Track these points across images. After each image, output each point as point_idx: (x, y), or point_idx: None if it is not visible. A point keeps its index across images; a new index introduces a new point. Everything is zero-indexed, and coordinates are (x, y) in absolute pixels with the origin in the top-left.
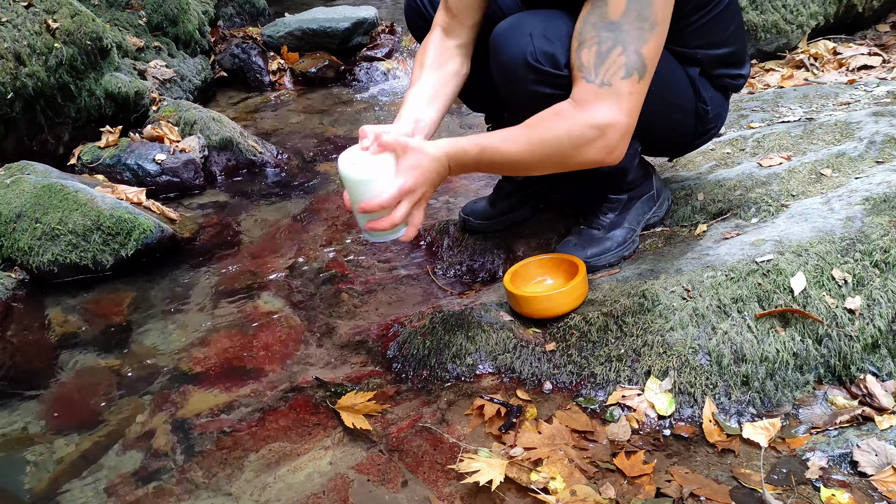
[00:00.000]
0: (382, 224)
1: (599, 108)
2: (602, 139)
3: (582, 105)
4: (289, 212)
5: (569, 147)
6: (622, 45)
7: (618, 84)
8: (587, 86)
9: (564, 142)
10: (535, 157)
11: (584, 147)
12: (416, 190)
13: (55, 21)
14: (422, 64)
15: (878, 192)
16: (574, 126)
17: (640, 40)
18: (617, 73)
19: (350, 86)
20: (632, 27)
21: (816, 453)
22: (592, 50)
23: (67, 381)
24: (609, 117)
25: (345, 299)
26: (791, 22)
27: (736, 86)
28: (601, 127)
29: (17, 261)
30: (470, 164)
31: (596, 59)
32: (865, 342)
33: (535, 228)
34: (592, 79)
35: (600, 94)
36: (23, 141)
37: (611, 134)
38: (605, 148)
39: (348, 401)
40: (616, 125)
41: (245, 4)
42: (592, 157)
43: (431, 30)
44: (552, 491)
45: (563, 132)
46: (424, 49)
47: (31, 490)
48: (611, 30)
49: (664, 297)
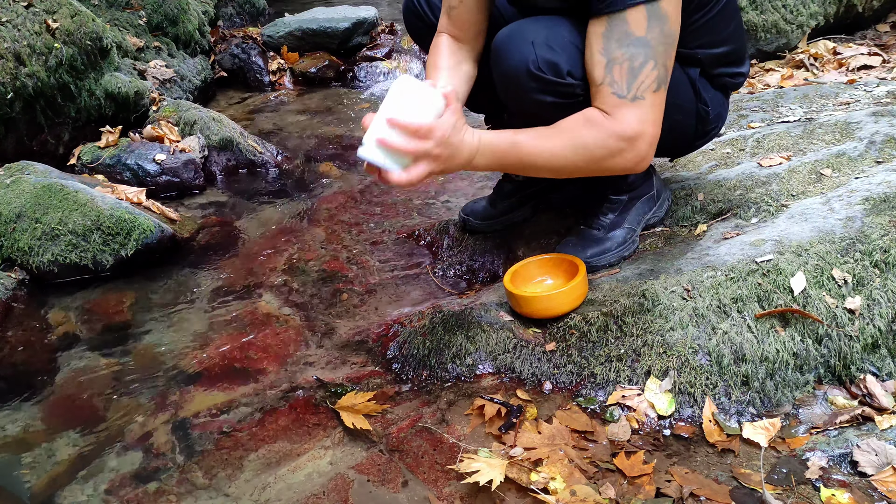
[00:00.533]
0: (398, 143)
1: (632, 120)
2: (633, 150)
3: (614, 115)
4: (289, 212)
5: (599, 154)
6: (654, 61)
7: (649, 97)
8: (618, 100)
9: (595, 148)
10: (565, 160)
11: (616, 156)
12: (443, 144)
13: (55, 21)
14: (436, 65)
15: (878, 192)
16: (607, 136)
17: (666, 55)
18: (650, 88)
19: (350, 86)
20: (659, 43)
21: (816, 453)
22: (625, 66)
23: (67, 381)
24: (641, 129)
25: (345, 299)
26: (791, 22)
27: (735, 84)
28: (633, 138)
29: (17, 261)
30: (497, 158)
31: (629, 74)
32: (865, 342)
33: (535, 228)
34: (624, 94)
35: (632, 107)
36: (23, 141)
37: (641, 144)
38: (636, 158)
39: (348, 401)
40: (646, 136)
41: (245, 4)
42: (623, 165)
43: (438, 34)
44: (552, 491)
45: (595, 140)
46: (437, 51)
47: (31, 490)
48: (640, 46)
49: (664, 297)
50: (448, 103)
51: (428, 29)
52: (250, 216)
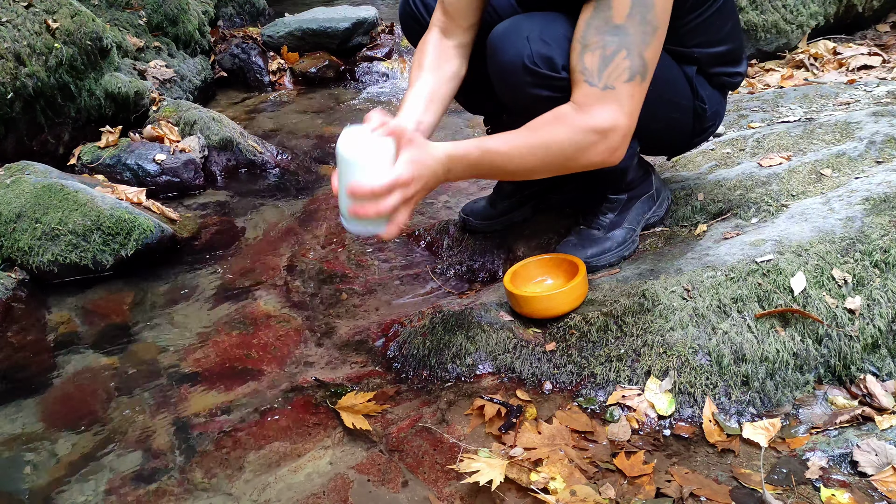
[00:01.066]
0: (368, 210)
1: (602, 111)
2: (604, 142)
3: (584, 108)
4: (289, 212)
5: (571, 151)
6: (626, 49)
7: (621, 87)
8: (589, 89)
9: (566, 145)
10: (538, 160)
11: (587, 150)
12: (411, 185)
13: (55, 21)
14: (420, 65)
15: (878, 192)
16: (576, 130)
17: (643, 44)
18: (621, 77)
19: (350, 86)
20: (636, 31)
21: (816, 453)
22: (597, 54)
23: (67, 381)
24: (612, 120)
25: (345, 299)
26: (791, 22)
27: (733, 84)
28: (603, 130)
29: (17, 261)
30: (471, 168)
31: (600, 62)
32: (865, 342)
33: (535, 228)
34: (595, 82)
35: (603, 97)
36: (23, 141)
37: (613, 136)
38: (607, 150)
39: (348, 401)
40: (618, 128)
41: (245, 4)
42: (595, 159)
43: (429, 29)
44: (552, 491)
45: (565, 136)
46: (422, 49)
47: (31, 490)
48: (615, 34)
49: (664, 297)
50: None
51: (424, 30)
52: (250, 216)
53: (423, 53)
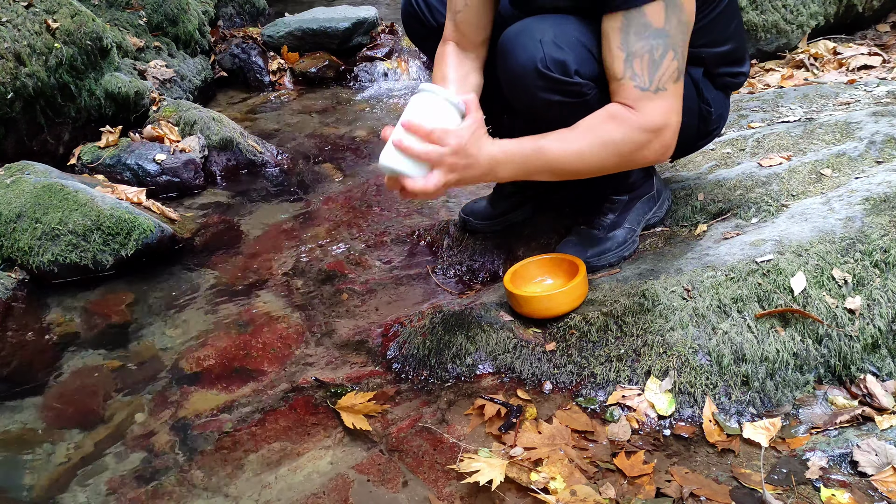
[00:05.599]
0: (411, 146)
1: (655, 111)
2: (658, 140)
3: (639, 108)
4: (289, 212)
5: (627, 149)
6: (673, 51)
7: (671, 88)
8: (641, 92)
9: (622, 144)
10: (595, 158)
11: (644, 149)
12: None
13: (55, 21)
14: (445, 77)
15: (878, 192)
16: (633, 129)
17: (683, 45)
18: (671, 78)
19: (350, 86)
20: (676, 32)
21: (816, 453)
22: (645, 59)
23: (67, 381)
24: (665, 119)
25: (345, 299)
26: (791, 22)
27: (736, 84)
28: (658, 129)
29: (17, 261)
30: (522, 164)
31: (650, 66)
32: (865, 342)
33: (535, 228)
34: (647, 86)
35: (655, 98)
36: (23, 141)
37: (666, 134)
38: (662, 148)
39: (348, 401)
40: (670, 126)
41: (245, 4)
42: (650, 157)
43: (444, 41)
44: (552, 491)
45: (622, 135)
46: (443, 61)
47: (31, 490)
48: (659, 37)
49: (664, 297)
50: (467, 111)
51: (428, 32)
52: (250, 216)
53: (445, 65)
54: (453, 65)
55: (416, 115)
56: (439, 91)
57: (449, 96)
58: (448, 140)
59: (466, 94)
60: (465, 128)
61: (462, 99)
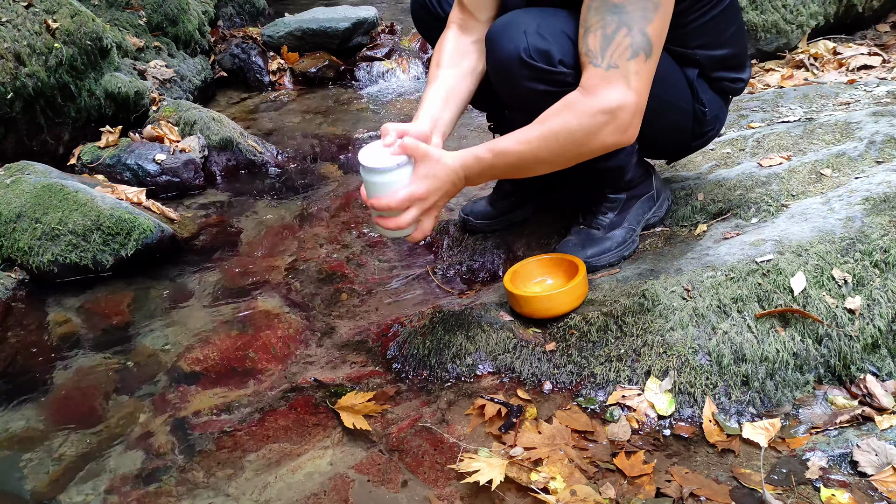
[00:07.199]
0: (388, 224)
1: (608, 90)
2: (614, 122)
3: (590, 91)
4: (289, 212)
5: (581, 135)
6: (626, 27)
7: (624, 65)
8: (595, 70)
9: (576, 131)
10: (551, 151)
11: (598, 132)
12: (428, 198)
13: (55, 21)
14: (438, 62)
15: (878, 192)
16: (584, 113)
17: (644, 20)
18: (623, 55)
19: (350, 86)
20: (635, 8)
21: (816, 453)
22: (598, 34)
23: (67, 381)
24: (619, 98)
25: (345, 299)
26: (791, 22)
27: (736, 90)
28: (611, 110)
29: (17, 261)
30: (486, 171)
31: (602, 42)
32: (865, 342)
33: (535, 228)
34: (599, 63)
35: (608, 76)
36: (23, 141)
37: (622, 115)
38: (618, 129)
39: (348, 401)
40: (626, 105)
41: (245, 4)
42: (607, 140)
43: (447, 27)
44: (552, 491)
45: (575, 122)
46: (441, 47)
47: (31, 490)
48: (614, 12)
49: (664, 297)
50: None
51: (435, 21)
52: (250, 216)
53: (441, 51)
54: (449, 49)
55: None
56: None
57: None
58: (411, 198)
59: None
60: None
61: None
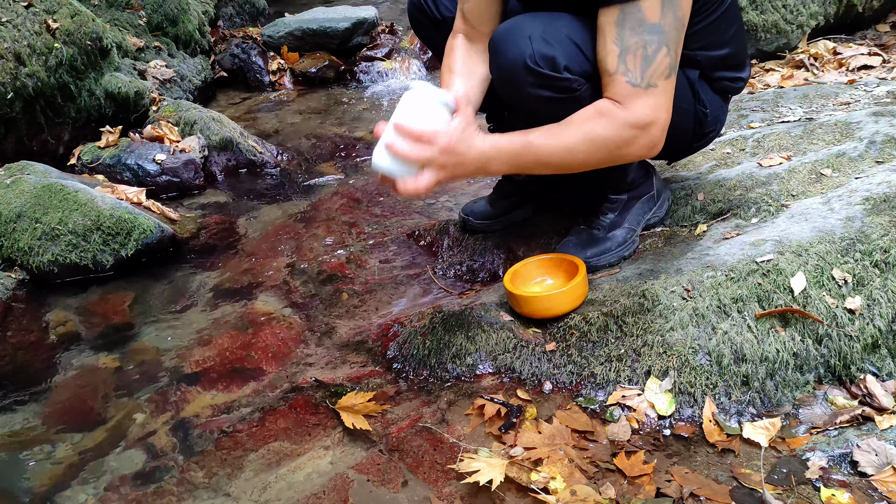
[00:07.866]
0: (398, 149)
1: (643, 107)
2: (645, 136)
3: (627, 103)
4: (289, 212)
5: (614, 144)
6: (666, 47)
7: (662, 84)
8: (632, 88)
9: (610, 140)
10: (582, 153)
11: (630, 145)
12: (447, 152)
13: (55, 21)
14: (451, 69)
15: (878, 192)
16: (620, 125)
17: (678, 41)
18: (662, 74)
19: (350, 86)
20: (671, 28)
21: (816, 453)
22: (639, 54)
23: (67, 381)
24: (653, 116)
25: (345, 299)
26: (791, 22)
27: (735, 89)
28: (645, 125)
29: (17, 261)
30: (513, 159)
31: (643, 62)
32: (865, 342)
33: (535, 228)
34: (638, 82)
35: (645, 94)
36: (23, 141)
37: (653, 131)
38: (649, 144)
39: (348, 401)
40: (658, 122)
41: (245, 4)
42: (637, 153)
43: (454, 34)
44: (552, 491)
45: (612, 130)
46: (451, 53)
47: (31, 490)
48: (653, 32)
49: (664, 297)
50: (457, 109)
51: (432, 24)
52: (250, 216)
53: (453, 58)
54: (460, 56)
55: (406, 116)
56: (429, 90)
57: (438, 95)
58: (437, 141)
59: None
60: (454, 127)
61: (452, 97)
